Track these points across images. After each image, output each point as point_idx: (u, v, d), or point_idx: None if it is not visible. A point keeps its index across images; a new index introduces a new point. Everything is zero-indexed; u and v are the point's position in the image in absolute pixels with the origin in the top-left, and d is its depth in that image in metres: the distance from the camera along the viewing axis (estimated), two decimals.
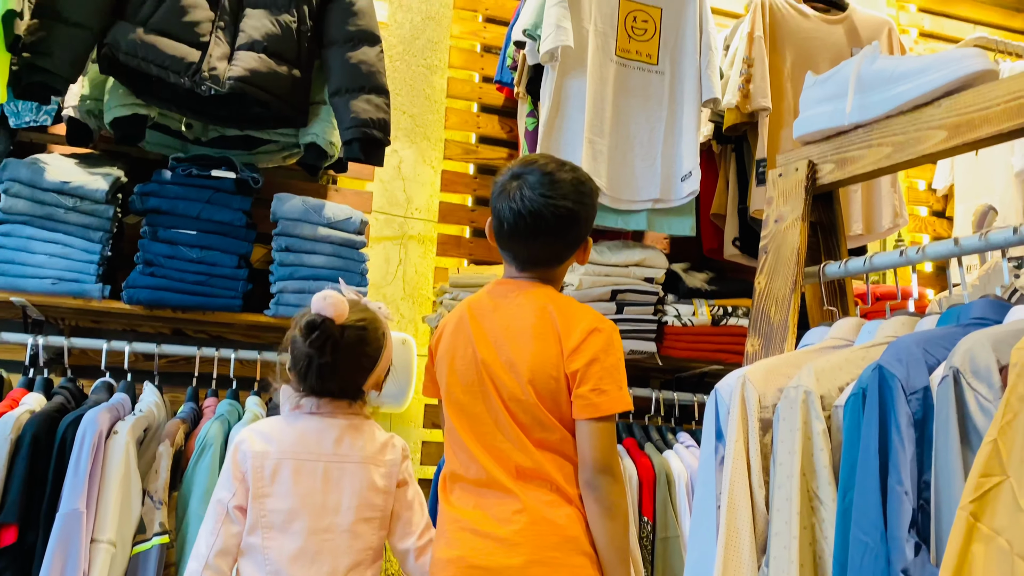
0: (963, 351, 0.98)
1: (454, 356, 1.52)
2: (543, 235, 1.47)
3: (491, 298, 1.54)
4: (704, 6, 2.68)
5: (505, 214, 1.48)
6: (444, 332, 1.57)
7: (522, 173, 1.49)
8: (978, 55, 1.28)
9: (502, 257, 1.58)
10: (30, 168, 2.10)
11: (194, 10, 2.11)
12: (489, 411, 1.46)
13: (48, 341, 2.13)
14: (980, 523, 0.86)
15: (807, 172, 1.46)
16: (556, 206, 1.44)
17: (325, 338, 1.50)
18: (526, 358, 1.44)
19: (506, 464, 1.42)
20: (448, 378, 1.52)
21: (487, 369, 1.47)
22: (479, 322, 1.50)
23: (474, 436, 1.46)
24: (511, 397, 1.45)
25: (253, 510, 1.51)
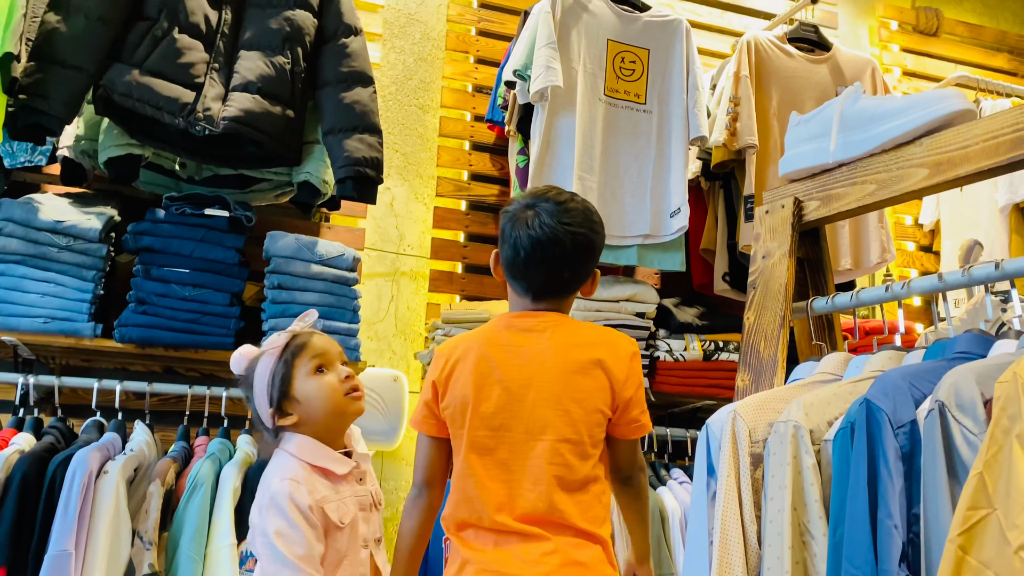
0: (948, 385, 0.99)
1: (478, 397, 1.43)
2: (560, 261, 1.45)
3: (513, 332, 1.47)
4: (691, 46, 2.74)
5: (523, 241, 1.45)
6: (458, 370, 1.47)
7: (536, 203, 1.48)
8: (957, 95, 1.32)
9: (512, 288, 1.52)
10: (24, 208, 2.12)
11: (189, 52, 2.14)
12: (516, 453, 1.40)
13: (39, 380, 2.13)
14: (968, 556, 0.87)
15: (793, 209, 1.49)
16: (574, 233, 1.44)
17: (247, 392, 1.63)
18: (578, 394, 1.40)
19: (530, 507, 1.37)
20: (471, 420, 1.43)
21: (527, 410, 1.41)
22: (507, 359, 1.44)
23: (495, 478, 1.40)
24: (559, 437, 1.39)
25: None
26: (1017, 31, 3.89)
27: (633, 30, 2.69)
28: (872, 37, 3.62)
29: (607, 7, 2.68)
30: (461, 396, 1.44)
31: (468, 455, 1.42)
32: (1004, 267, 1.21)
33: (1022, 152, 1.18)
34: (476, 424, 1.42)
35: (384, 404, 2.58)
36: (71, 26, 2.01)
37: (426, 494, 1.48)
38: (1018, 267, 1.20)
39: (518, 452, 1.39)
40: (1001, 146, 1.21)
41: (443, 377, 1.48)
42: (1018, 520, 0.85)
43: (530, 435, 1.40)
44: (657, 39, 2.71)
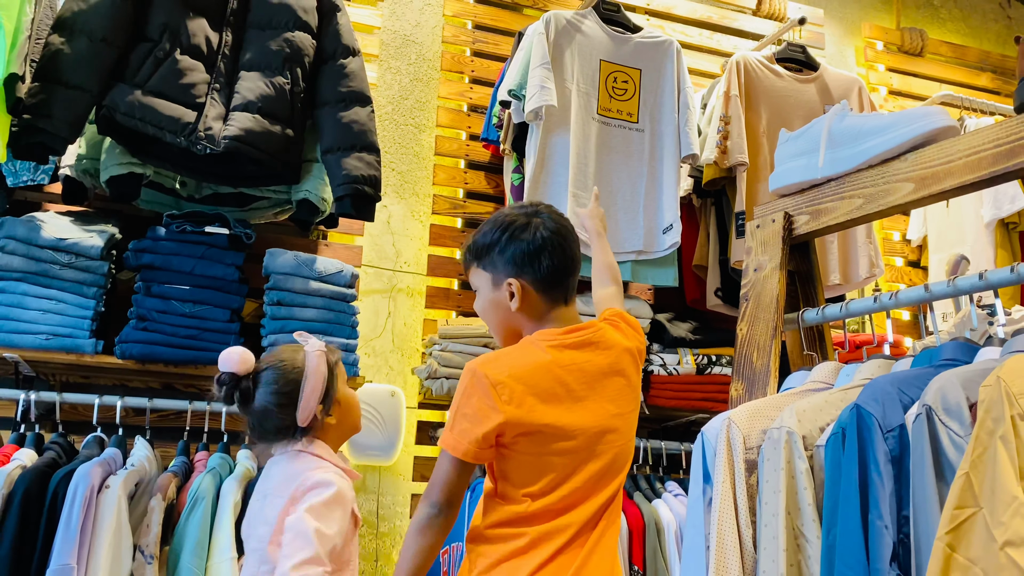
0: (935, 390, 1.03)
1: (563, 419, 1.43)
2: (573, 251, 1.54)
3: (577, 351, 1.48)
4: (681, 67, 2.79)
5: (553, 242, 1.50)
6: (532, 397, 1.43)
7: (535, 211, 1.56)
8: (940, 112, 1.36)
9: (544, 304, 1.52)
10: (26, 226, 2.14)
11: (191, 73, 2.18)
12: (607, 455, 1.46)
13: (40, 397, 2.14)
14: (956, 553, 0.90)
15: (783, 223, 1.53)
16: (573, 233, 1.55)
17: (231, 392, 1.61)
18: (632, 391, 1.51)
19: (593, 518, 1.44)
20: (555, 444, 1.43)
21: (600, 418, 1.46)
22: (586, 379, 1.47)
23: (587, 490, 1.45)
24: (629, 434, 1.49)
25: None
26: (999, 51, 3.98)
27: (625, 51, 2.75)
28: (859, 57, 3.70)
29: (600, 28, 2.74)
30: (550, 425, 1.42)
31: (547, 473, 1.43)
32: (988, 278, 1.25)
33: (1003, 166, 1.23)
34: (563, 450, 1.43)
35: (382, 419, 2.60)
36: (74, 47, 2.05)
37: (446, 514, 1.44)
38: (1001, 278, 1.24)
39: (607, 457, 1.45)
40: (983, 161, 1.26)
41: (511, 410, 1.41)
42: (1003, 518, 0.88)
43: (616, 439, 1.46)
44: (649, 59, 2.77)
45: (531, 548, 1.41)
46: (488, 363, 1.46)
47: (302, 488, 1.54)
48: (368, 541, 2.63)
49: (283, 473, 1.60)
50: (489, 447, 1.42)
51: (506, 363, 1.45)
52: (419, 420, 2.74)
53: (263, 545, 1.53)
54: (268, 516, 1.55)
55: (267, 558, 1.52)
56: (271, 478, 1.62)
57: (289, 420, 1.61)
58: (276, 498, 1.56)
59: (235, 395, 1.60)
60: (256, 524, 1.58)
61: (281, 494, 1.56)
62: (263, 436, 1.63)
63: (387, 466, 2.69)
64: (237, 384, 1.61)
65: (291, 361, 1.63)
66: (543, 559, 1.39)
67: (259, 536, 1.55)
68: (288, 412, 1.61)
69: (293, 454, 1.63)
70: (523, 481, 1.43)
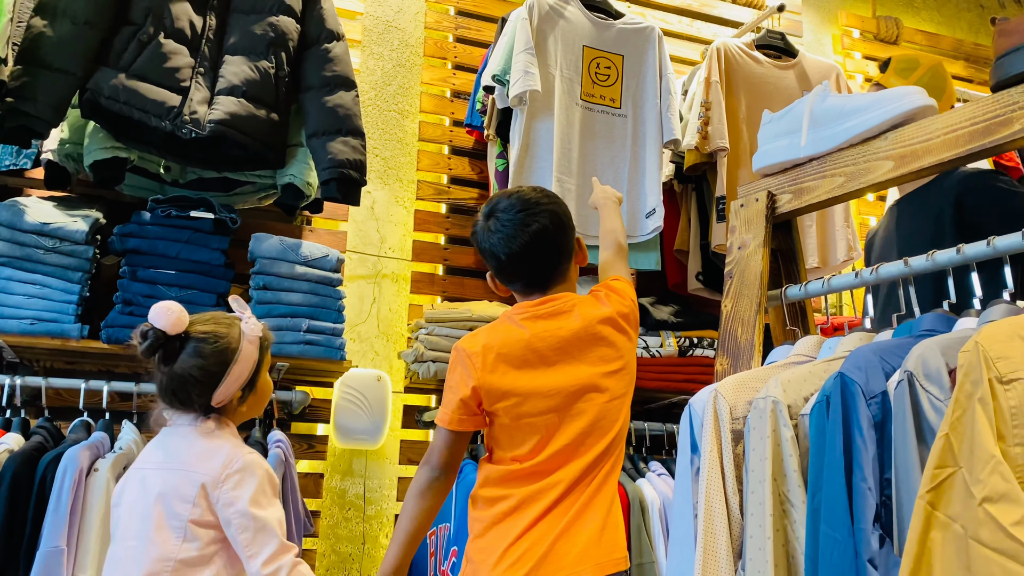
0: (916, 357, 1.06)
1: (534, 384, 1.50)
2: (537, 246, 1.54)
3: (547, 320, 1.54)
4: (663, 53, 2.82)
5: (497, 247, 1.55)
6: (504, 364, 1.52)
7: (492, 210, 1.59)
8: (918, 92, 1.40)
9: (517, 293, 1.61)
10: (9, 210, 2.13)
11: (175, 56, 2.18)
12: (575, 418, 1.50)
13: (25, 382, 2.14)
14: (937, 511, 0.94)
15: (767, 202, 1.56)
16: (533, 214, 1.54)
17: (154, 348, 1.51)
18: (621, 346, 1.56)
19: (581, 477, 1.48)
20: (530, 407, 1.50)
21: (583, 381, 1.51)
22: (554, 344, 1.52)
23: (559, 450, 1.49)
24: (614, 395, 1.53)
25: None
26: (972, 40, 4.05)
27: (608, 37, 2.78)
28: (835, 45, 3.75)
29: (582, 14, 2.76)
30: (518, 390, 1.50)
31: (530, 438, 1.50)
32: (965, 251, 1.29)
33: (980, 143, 1.27)
34: (539, 410, 1.49)
35: (368, 404, 2.61)
36: (57, 30, 2.04)
37: (446, 477, 1.54)
38: (977, 251, 1.28)
39: (587, 419, 1.49)
40: (960, 138, 1.30)
41: (484, 377, 1.51)
42: (982, 475, 0.92)
43: (599, 400, 1.51)
44: (631, 45, 2.79)
45: (518, 509, 1.48)
46: (467, 338, 1.59)
47: (229, 470, 1.49)
48: (355, 524, 2.65)
49: (191, 451, 1.53)
50: (473, 415, 1.53)
51: (482, 336, 1.56)
52: (405, 404, 2.76)
53: (183, 523, 1.47)
54: (186, 493, 1.48)
55: (192, 535, 1.47)
56: (175, 451, 1.54)
57: (205, 397, 1.55)
58: (190, 474, 1.49)
59: (158, 353, 1.51)
60: (171, 498, 1.48)
61: (196, 471, 1.50)
62: (171, 401, 1.56)
63: (373, 450, 2.70)
64: (164, 343, 1.51)
65: (226, 338, 1.56)
66: (530, 520, 1.45)
67: (176, 512, 1.47)
68: (206, 390, 1.54)
69: (201, 432, 1.55)
70: (510, 445, 1.52)
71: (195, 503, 1.47)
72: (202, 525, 1.47)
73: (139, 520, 1.50)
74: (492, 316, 2.51)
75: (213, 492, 1.48)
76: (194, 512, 1.47)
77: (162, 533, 1.46)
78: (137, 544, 1.48)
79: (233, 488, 1.48)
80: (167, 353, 1.53)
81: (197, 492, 1.48)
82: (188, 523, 1.47)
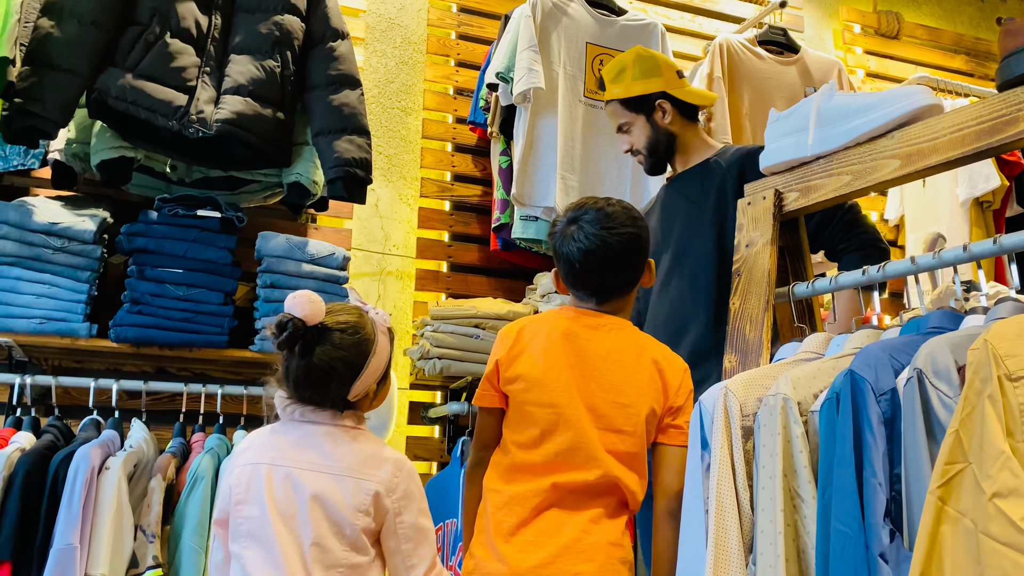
0: (925, 354, 1.08)
1: (546, 377, 1.54)
2: (612, 264, 1.56)
3: (582, 327, 1.58)
4: (666, 49, 2.83)
5: (574, 255, 1.57)
6: (528, 351, 1.58)
7: (578, 216, 1.59)
8: (925, 91, 1.41)
9: (576, 296, 1.64)
10: (18, 210, 2.14)
11: (181, 56, 2.18)
12: (575, 434, 1.52)
13: (35, 380, 2.15)
14: (947, 506, 0.95)
15: (774, 200, 1.58)
16: (618, 234, 1.55)
17: (293, 339, 1.43)
18: (636, 391, 1.53)
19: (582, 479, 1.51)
20: (536, 397, 1.54)
21: (589, 397, 1.53)
22: (575, 348, 1.56)
23: (550, 451, 1.53)
24: (610, 427, 1.52)
25: (232, 517, 1.46)
26: (973, 34, 4.06)
27: (611, 33, 2.78)
28: (836, 40, 3.76)
29: (585, 11, 2.77)
30: (529, 374, 1.55)
31: (531, 428, 1.54)
32: (971, 249, 1.31)
33: (986, 143, 1.28)
34: (544, 402, 1.53)
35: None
36: (64, 31, 2.05)
37: (485, 459, 1.62)
38: (984, 249, 1.29)
39: (581, 435, 1.51)
40: (967, 137, 1.31)
41: (508, 357, 1.59)
42: (991, 471, 0.93)
43: (593, 422, 1.52)
44: (634, 42, 2.80)
45: (504, 508, 1.52)
46: (509, 324, 1.67)
47: (398, 480, 1.46)
48: None
49: (354, 454, 1.46)
50: (494, 390, 1.60)
51: (521, 321, 1.65)
52: (410, 401, 2.77)
53: (355, 531, 1.42)
54: (358, 501, 1.42)
55: (363, 543, 1.43)
56: (336, 457, 1.45)
57: (344, 391, 1.47)
58: (360, 482, 1.43)
59: (297, 345, 1.43)
60: (339, 504, 1.42)
61: (364, 478, 1.44)
62: (308, 396, 1.47)
63: None
64: (303, 333, 1.43)
65: (364, 329, 1.48)
66: (513, 523, 1.50)
67: (346, 519, 1.41)
68: (346, 383, 1.46)
69: (351, 432, 1.49)
70: (513, 427, 1.57)
71: (367, 511, 1.42)
72: (369, 533, 1.43)
73: (296, 524, 1.42)
74: (497, 313, 2.52)
75: (384, 501, 1.44)
76: (366, 520, 1.42)
77: (329, 539, 1.41)
78: (298, 548, 1.40)
79: (402, 498, 1.45)
80: (306, 344, 1.43)
81: (370, 502, 1.43)
82: (360, 531, 1.42)
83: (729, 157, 2.04)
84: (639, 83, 2.10)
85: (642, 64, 2.11)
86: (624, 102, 2.12)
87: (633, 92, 2.10)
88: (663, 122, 2.11)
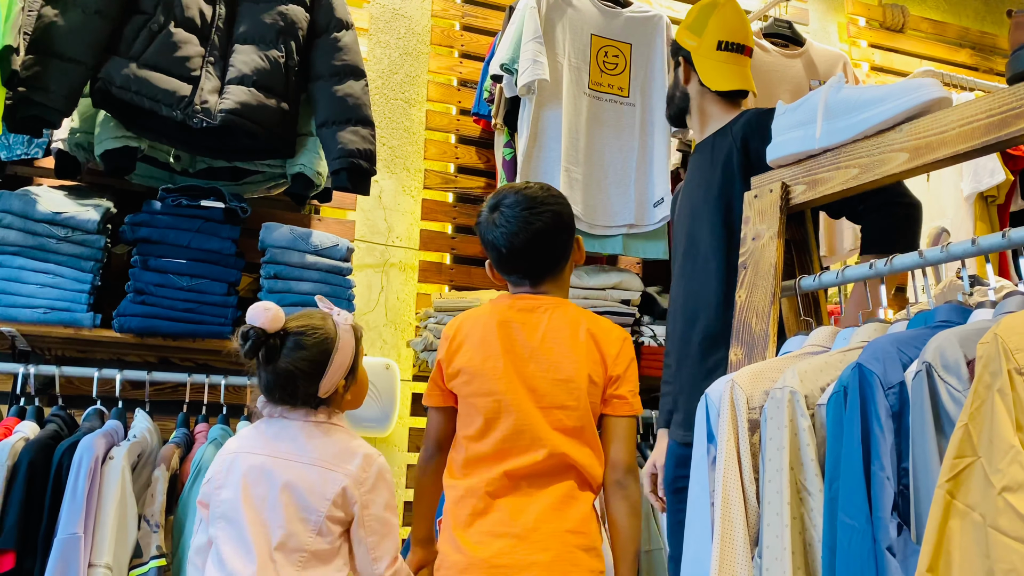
0: (934, 348, 1.08)
1: (483, 367, 1.58)
2: (536, 244, 1.60)
3: (516, 312, 1.62)
4: (670, 41, 2.82)
5: (499, 240, 1.62)
6: (465, 346, 1.62)
7: (497, 202, 1.65)
8: (934, 84, 1.41)
9: (510, 283, 1.68)
10: (22, 199, 2.14)
11: (185, 46, 2.18)
12: (521, 418, 1.55)
13: (39, 370, 2.15)
14: (956, 500, 0.95)
15: (781, 193, 1.57)
16: (539, 213, 1.60)
17: (256, 347, 1.54)
18: (573, 365, 1.56)
19: (531, 461, 1.55)
20: (479, 388, 1.58)
21: (530, 379, 1.56)
22: (512, 334, 1.59)
23: (501, 439, 1.56)
24: (553, 404, 1.55)
25: (211, 501, 1.56)
26: (978, 28, 4.04)
27: (615, 25, 2.77)
28: (841, 33, 3.74)
29: (590, 3, 2.76)
30: (468, 367, 1.59)
31: (476, 419, 1.58)
32: (980, 243, 1.30)
33: (995, 136, 1.27)
34: (484, 392, 1.57)
35: (377, 391, 2.63)
36: (68, 19, 2.04)
37: (437, 456, 1.68)
38: (992, 243, 1.29)
39: (523, 417, 1.54)
40: (976, 131, 1.30)
41: (448, 354, 1.65)
42: (1000, 465, 0.93)
43: (534, 402, 1.55)
44: (639, 34, 2.79)
45: (460, 501, 1.56)
46: (450, 321, 1.72)
47: (367, 473, 1.54)
48: None
49: (326, 447, 1.56)
50: (439, 389, 1.67)
51: (458, 319, 1.69)
52: (413, 392, 2.77)
53: (320, 518, 1.50)
54: (326, 490, 1.51)
55: (327, 530, 1.51)
56: (308, 449, 1.55)
57: (312, 389, 1.57)
58: (330, 473, 1.52)
59: (260, 352, 1.54)
60: (307, 493, 1.51)
61: (335, 469, 1.53)
62: (278, 398, 1.58)
63: (383, 437, 2.72)
64: (264, 341, 1.54)
65: (323, 330, 1.59)
66: (467, 514, 1.54)
67: (312, 507, 1.50)
68: (312, 381, 1.56)
69: (324, 426, 1.59)
70: (463, 423, 1.61)
71: (334, 501, 1.51)
72: (335, 521, 1.52)
73: (265, 508, 1.51)
74: None
75: (352, 493, 1.52)
76: (332, 509, 1.51)
77: (294, 524, 1.49)
78: (264, 531, 1.50)
79: (369, 492, 1.53)
80: (269, 351, 1.54)
81: (337, 492, 1.51)
82: (325, 519, 1.51)
83: (738, 125, 1.96)
84: (683, 32, 2.10)
85: (698, 15, 2.08)
86: (672, 43, 2.15)
87: (675, 36, 2.13)
88: (682, 79, 2.11)
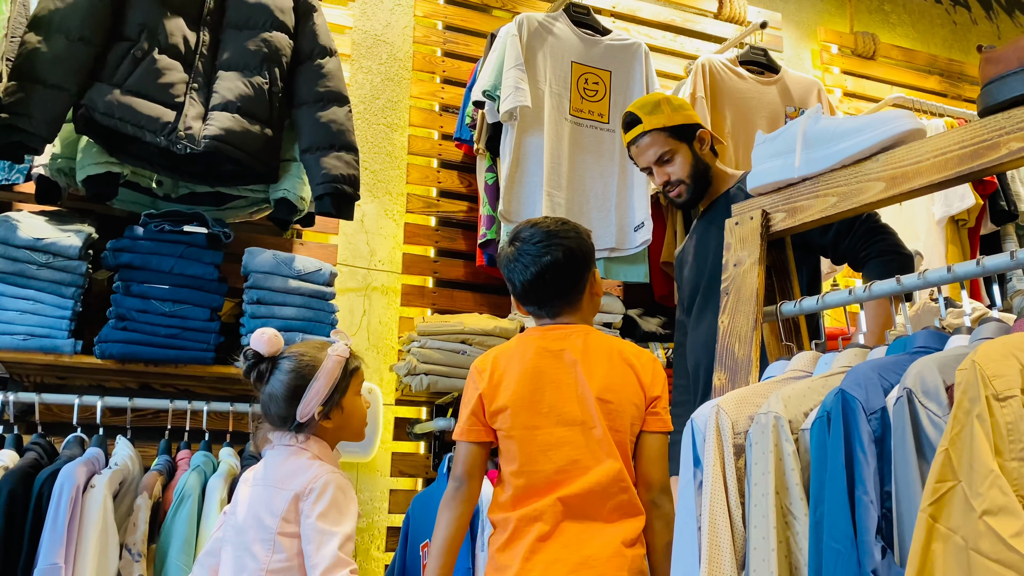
0: (914, 374, 1.10)
1: (532, 399, 1.59)
2: (547, 278, 1.63)
3: (550, 342, 1.63)
4: (650, 69, 2.87)
5: (516, 275, 1.65)
6: (506, 380, 1.62)
7: (515, 236, 1.69)
8: (909, 116, 1.45)
9: (534, 316, 1.70)
10: (2, 225, 2.12)
11: (169, 72, 2.18)
12: (570, 444, 1.57)
13: (18, 397, 2.13)
14: (938, 523, 0.98)
15: (761, 220, 1.61)
16: (549, 247, 1.63)
17: (251, 369, 1.69)
18: (614, 390, 1.59)
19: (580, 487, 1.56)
20: (526, 420, 1.58)
21: (574, 406, 1.58)
22: (550, 365, 1.61)
23: (550, 467, 1.57)
24: (600, 428, 1.57)
25: (223, 525, 1.72)
26: (946, 55, 4.15)
27: (595, 52, 2.82)
28: (815, 60, 3.83)
29: (570, 30, 2.80)
30: (513, 402, 1.59)
31: (524, 453, 1.57)
32: (955, 271, 1.34)
33: (968, 167, 1.31)
34: (531, 425, 1.58)
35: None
36: (52, 46, 2.04)
37: (467, 486, 1.63)
38: (967, 271, 1.33)
39: (573, 446, 1.56)
40: (949, 161, 1.35)
41: (490, 390, 1.63)
42: (981, 489, 0.96)
43: (581, 431, 1.57)
44: (618, 61, 2.84)
45: (516, 535, 1.54)
46: (480, 357, 1.70)
47: (312, 486, 1.60)
48: None
49: (283, 468, 1.66)
50: (482, 425, 1.63)
51: (492, 353, 1.69)
52: (396, 416, 2.77)
53: (271, 535, 1.59)
54: (275, 508, 1.61)
55: (280, 547, 1.58)
56: (271, 469, 1.67)
57: (289, 412, 1.67)
58: (280, 491, 1.62)
59: (253, 373, 1.67)
60: (262, 512, 1.62)
61: (285, 488, 1.62)
62: (269, 421, 1.70)
63: (365, 463, 2.71)
64: (258, 363, 1.68)
65: (312, 357, 1.68)
66: (528, 545, 1.52)
67: (266, 526, 1.60)
68: (291, 405, 1.66)
69: (293, 450, 1.68)
70: (508, 459, 1.60)
71: (284, 517, 1.59)
72: (288, 536, 1.58)
73: (241, 531, 1.63)
74: (484, 328, 2.53)
75: (299, 506, 1.59)
76: (283, 526, 1.58)
77: (256, 546, 1.59)
78: (237, 554, 1.61)
79: (312, 503, 1.59)
80: (260, 374, 1.68)
81: (286, 507, 1.59)
82: (276, 536, 1.58)
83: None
84: (680, 114, 2.17)
85: (674, 99, 2.20)
86: (670, 130, 2.16)
87: (676, 121, 2.16)
88: (701, 152, 2.19)
